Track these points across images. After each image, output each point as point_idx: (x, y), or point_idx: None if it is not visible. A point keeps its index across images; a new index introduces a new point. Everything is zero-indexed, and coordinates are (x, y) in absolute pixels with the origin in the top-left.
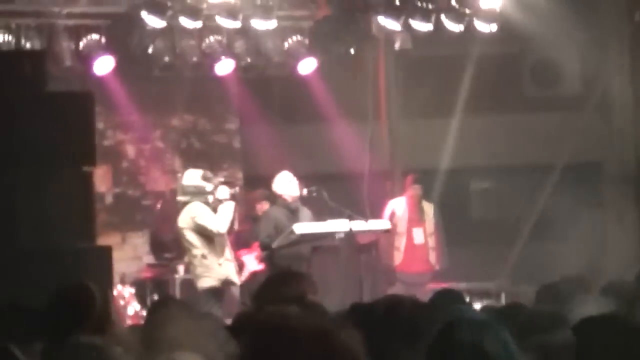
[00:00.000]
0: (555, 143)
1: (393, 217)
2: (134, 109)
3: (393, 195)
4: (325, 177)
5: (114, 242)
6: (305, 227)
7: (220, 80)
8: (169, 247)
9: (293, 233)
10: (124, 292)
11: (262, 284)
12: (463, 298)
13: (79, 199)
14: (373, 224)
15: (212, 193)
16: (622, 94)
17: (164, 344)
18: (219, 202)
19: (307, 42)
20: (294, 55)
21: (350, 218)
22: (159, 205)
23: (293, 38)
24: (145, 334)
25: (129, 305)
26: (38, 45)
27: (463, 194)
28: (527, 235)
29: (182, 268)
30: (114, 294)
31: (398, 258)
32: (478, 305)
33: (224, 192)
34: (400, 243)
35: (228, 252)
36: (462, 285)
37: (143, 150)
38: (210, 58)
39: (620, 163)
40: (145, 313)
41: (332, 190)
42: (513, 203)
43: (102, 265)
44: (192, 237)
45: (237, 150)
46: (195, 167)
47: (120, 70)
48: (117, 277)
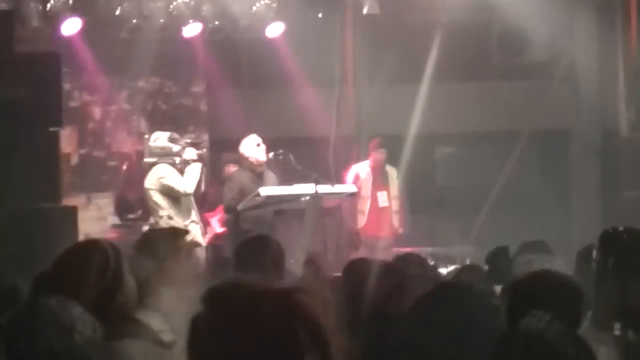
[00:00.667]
0: (522, 111)
1: (357, 180)
2: (101, 71)
3: (358, 160)
4: (292, 141)
5: (79, 202)
6: (271, 189)
7: (188, 43)
8: (134, 208)
9: (259, 195)
10: None
11: (236, 250)
12: (425, 262)
13: (45, 160)
14: (339, 188)
15: (179, 154)
16: (589, 63)
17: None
18: (186, 163)
19: (274, 5)
20: (262, 19)
21: (317, 182)
22: (125, 167)
23: (261, 2)
24: None
25: None
26: (5, 6)
27: (429, 161)
28: (492, 202)
29: (147, 229)
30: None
31: (362, 221)
32: (443, 270)
33: (191, 153)
34: (365, 206)
35: (194, 213)
36: (427, 250)
37: (109, 112)
38: (178, 20)
39: (587, 131)
40: None
41: (298, 155)
42: (479, 170)
43: (67, 225)
44: (158, 198)
45: (203, 113)
46: (162, 129)
47: (88, 32)
48: (82, 237)
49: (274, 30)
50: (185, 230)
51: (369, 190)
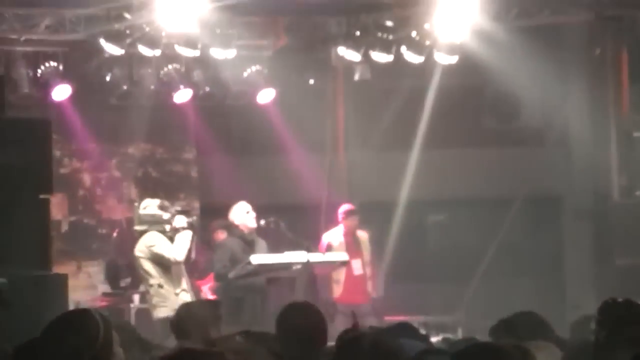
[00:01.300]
0: (514, 177)
1: (329, 249)
2: (91, 137)
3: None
4: (283, 207)
5: (70, 270)
6: (263, 257)
7: (178, 109)
8: (125, 276)
9: (250, 264)
10: None
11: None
12: (418, 331)
13: (36, 227)
14: (330, 256)
15: (169, 222)
16: (581, 129)
17: None
18: (176, 231)
19: (266, 72)
20: (253, 85)
21: (308, 249)
22: (115, 234)
23: (252, 68)
24: None
25: None
26: None
27: (420, 227)
28: (484, 270)
29: (137, 297)
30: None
31: (337, 291)
32: (435, 339)
33: (181, 221)
34: (340, 275)
35: (185, 282)
36: (419, 319)
37: (99, 179)
38: (168, 86)
39: (579, 197)
40: None
41: (289, 221)
42: (471, 237)
43: (57, 293)
44: (148, 266)
45: (194, 180)
46: (152, 196)
47: (78, 98)
48: (72, 305)
49: (265, 97)
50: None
51: None
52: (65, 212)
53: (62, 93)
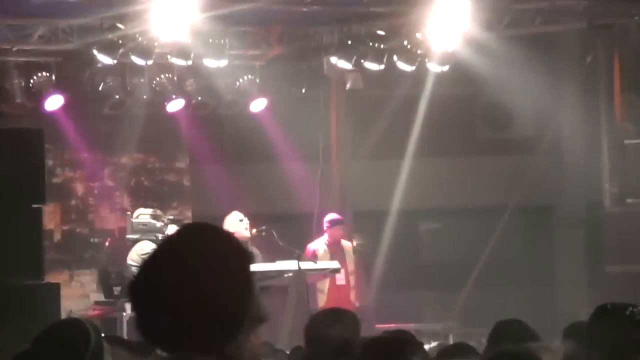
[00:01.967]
0: (507, 186)
1: (315, 258)
2: (84, 147)
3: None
4: (275, 216)
5: (62, 279)
6: (254, 266)
7: (171, 119)
8: (117, 285)
9: None
10: None
11: (309, 324)
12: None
13: (28, 236)
14: (322, 264)
15: (161, 231)
16: (573, 138)
17: None
18: None
19: (258, 81)
20: (245, 95)
21: (300, 258)
22: (108, 243)
23: (244, 77)
24: None
25: None
26: None
27: (413, 236)
28: (477, 277)
29: (129, 306)
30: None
31: (322, 301)
32: (427, 346)
33: (174, 230)
34: (324, 285)
35: None
36: (411, 326)
37: (92, 188)
38: (161, 96)
39: (571, 205)
40: None
41: (282, 230)
42: (463, 245)
43: (50, 303)
44: None
45: (186, 189)
46: (145, 205)
47: (71, 108)
48: (64, 314)
49: (258, 106)
50: None
51: None
52: (58, 221)
53: (54, 103)
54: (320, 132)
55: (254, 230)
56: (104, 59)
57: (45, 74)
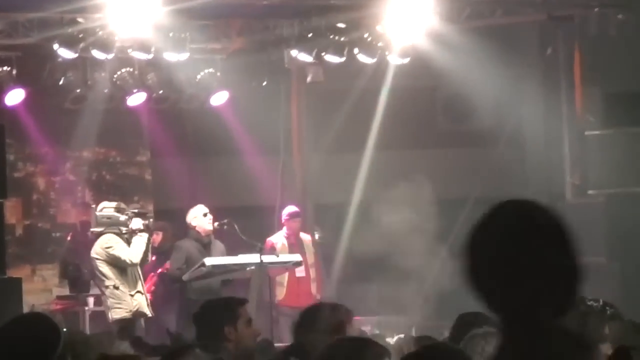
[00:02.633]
0: (468, 178)
1: (273, 251)
2: (45, 141)
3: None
4: (237, 209)
5: (24, 274)
6: (216, 259)
7: (132, 113)
8: (79, 279)
9: (204, 265)
10: None
11: (302, 315)
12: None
13: None
14: (284, 257)
15: (125, 224)
16: (534, 129)
17: None
18: (133, 233)
19: (219, 74)
20: (206, 88)
21: (261, 251)
22: (70, 238)
23: (205, 71)
24: None
25: None
26: None
27: (374, 228)
28: (438, 270)
29: (92, 300)
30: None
31: (281, 293)
32: (390, 340)
33: (138, 223)
34: (283, 278)
35: (140, 284)
36: (373, 319)
37: (54, 183)
38: (122, 90)
39: (533, 197)
40: None
41: (244, 224)
42: (425, 237)
43: (11, 297)
44: (104, 268)
45: (148, 183)
46: (107, 200)
47: (32, 102)
48: (26, 308)
49: (219, 99)
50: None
51: None
52: (20, 216)
53: (15, 97)
54: (282, 125)
55: (216, 224)
56: (65, 53)
57: (6, 69)
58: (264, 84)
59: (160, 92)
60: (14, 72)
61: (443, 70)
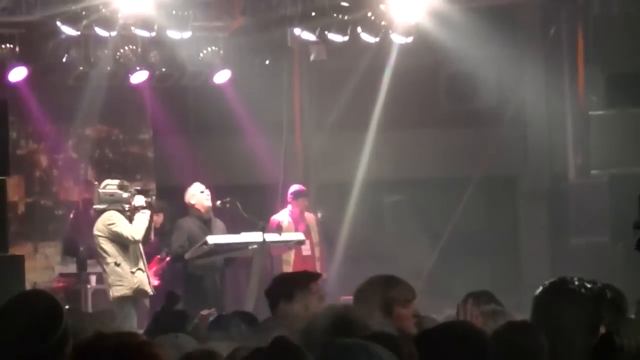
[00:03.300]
0: (470, 157)
1: (279, 230)
2: (48, 119)
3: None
4: (240, 188)
5: (26, 251)
6: (219, 238)
7: (135, 90)
8: (82, 257)
9: (206, 244)
10: None
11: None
12: None
13: None
14: (287, 236)
15: (127, 201)
16: (537, 109)
17: None
18: (135, 210)
19: (222, 52)
20: (209, 66)
21: (264, 230)
22: (72, 215)
23: (208, 49)
24: None
25: None
26: None
27: (377, 207)
28: (441, 249)
29: (94, 278)
30: None
31: (288, 271)
32: None
33: (140, 200)
34: (290, 257)
35: (142, 262)
36: None
37: (56, 160)
38: (125, 68)
39: (535, 177)
40: None
41: (246, 202)
42: (427, 217)
43: (14, 275)
44: (106, 245)
45: (150, 161)
46: (109, 177)
47: (34, 80)
48: (29, 286)
49: (221, 77)
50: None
51: None
52: (22, 193)
53: (18, 75)
54: (284, 103)
55: (218, 202)
56: (68, 31)
57: (9, 46)
58: (267, 63)
59: (163, 70)
60: (17, 49)
61: (446, 50)
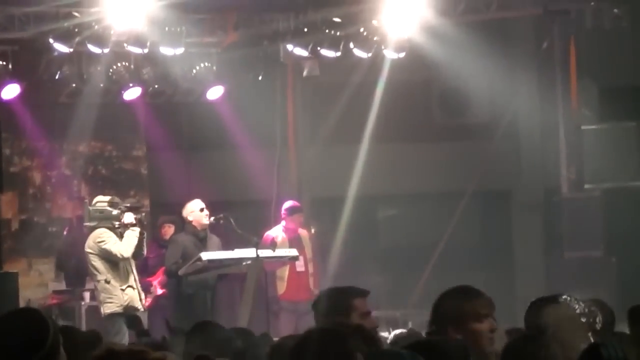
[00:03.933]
0: (464, 171)
1: (273, 246)
2: (41, 135)
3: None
4: (233, 204)
5: (20, 268)
6: (212, 254)
7: (128, 107)
8: (75, 273)
9: (200, 260)
10: None
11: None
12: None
13: None
14: (280, 252)
15: (117, 218)
16: (530, 123)
17: None
18: (126, 227)
19: (215, 68)
20: (202, 82)
21: (257, 245)
22: (65, 232)
23: (201, 64)
24: None
25: None
26: None
27: (371, 222)
28: (435, 263)
29: (87, 295)
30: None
31: (282, 288)
32: (385, 334)
33: (130, 217)
34: (284, 273)
35: (132, 278)
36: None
37: (50, 177)
38: (118, 84)
39: (528, 191)
40: None
41: (239, 218)
42: (421, 231)
43: (8, 292)
44: (97, 262)
45: (144, 177)
46: (102, 194)
47: (27, 96)
48: (22, 303)
49: (215, 93)
50: None
51: None
52: (16, 210)
53: (11, 92)
54: (277, 119)
55: (212, 218)
56: (60, 47)
57: (2, 63)
58: (260, 78)
59: (156, 86)
60: (10, 66)
61: (439, 64)
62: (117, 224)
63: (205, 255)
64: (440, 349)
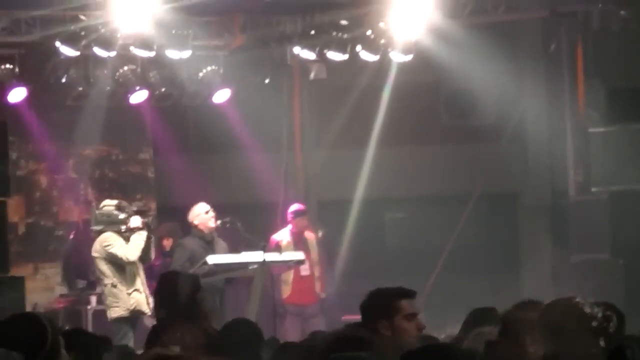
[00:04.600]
0: (471, 174)
1: (278, 249)
2: (48, 139)
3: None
4: (240, 207)
5: (27, 272)
6: (219, 258)
7: (134, 110)
8: (82, 277)
9: (206, 264)
10: None
11: None
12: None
13: None
14: (287, 255)
15: (124, 222)
16: (537, 126)
17: None
18: (132, 231)
19: (221, 71)
20: (209, 85)
21: (264, 249)
22: (72, 236)
23: (208, 68)
24: None
25: None
26: None
27: (378, 225)
28: (442, 266)
29: (94, 299)
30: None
31: (286, 292)
32: None
33: (136, 221)
34: (288, 276)
35: (139, 282)
36: None
37: (56, 180)
38: (124, 87)
39: (536, 193)
40: None
41: (246, 221)
42: (428, 234)
43: (14, 295)
44: (103, 266)
45: (150, 180)
46: (109, 197)
47: (34, 100)
48: (29, 307)
49: (221, 96)
50: None
51: None
52: (22, 214)
53: (18, 95)
54: (284, 122)
55: (219, 222)
56: (67, 51)
57: (8, 66)
58: (267, 81)
59: (163, 89)
60: (17, 69)
61: (446, 67)
62: (123, 228)
63: (211, 259)
64: (451, 355)
